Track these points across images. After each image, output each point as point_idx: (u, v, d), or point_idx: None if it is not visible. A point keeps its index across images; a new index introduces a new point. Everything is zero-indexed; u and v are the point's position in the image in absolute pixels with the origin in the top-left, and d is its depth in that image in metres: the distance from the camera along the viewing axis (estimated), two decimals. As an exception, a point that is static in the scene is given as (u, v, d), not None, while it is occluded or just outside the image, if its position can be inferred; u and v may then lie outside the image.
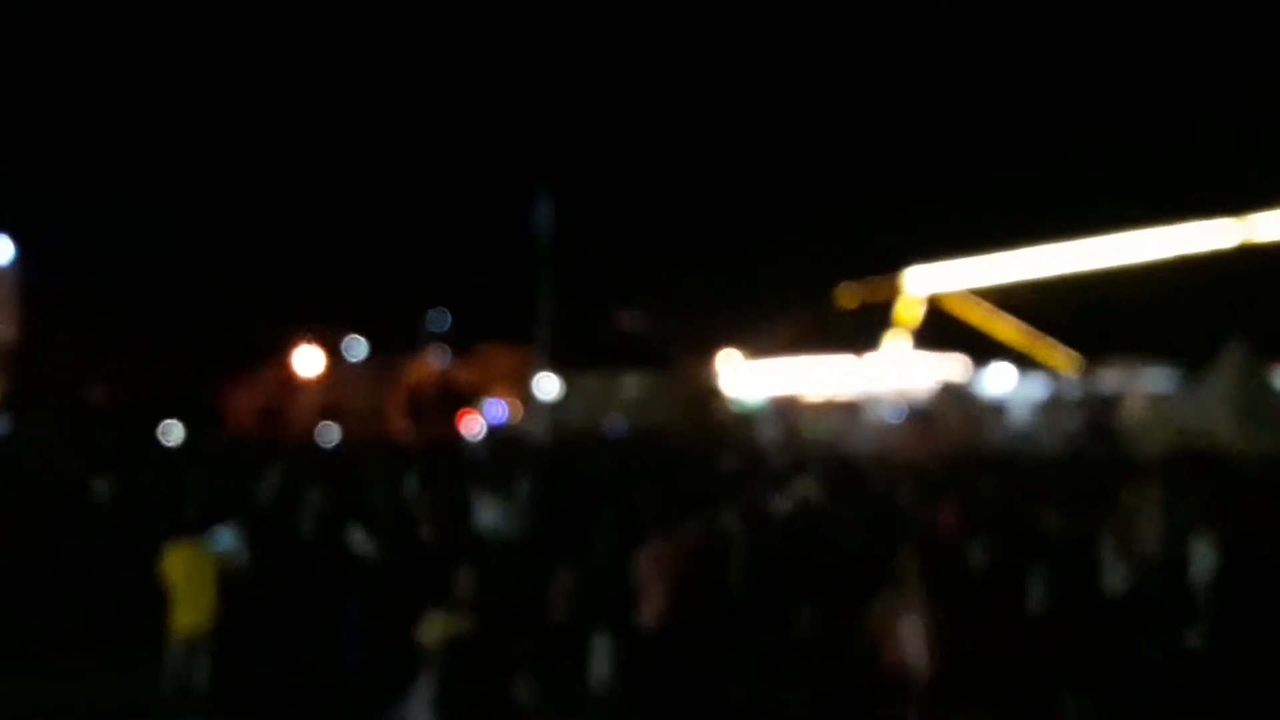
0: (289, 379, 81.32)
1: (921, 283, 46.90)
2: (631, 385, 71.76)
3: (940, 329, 41.75)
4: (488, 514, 11.70)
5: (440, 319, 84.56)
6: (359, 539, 10.25)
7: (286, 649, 9.16)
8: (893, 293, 47.20)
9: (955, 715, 7.47)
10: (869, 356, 41.38)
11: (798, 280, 62.30)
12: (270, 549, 10.19)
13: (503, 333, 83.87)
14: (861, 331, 43.44)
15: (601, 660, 8.60)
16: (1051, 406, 41.83)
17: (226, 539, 9.96)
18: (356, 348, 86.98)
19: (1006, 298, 45.99)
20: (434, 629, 5.97)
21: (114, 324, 71.01)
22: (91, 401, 65.17)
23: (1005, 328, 43.16)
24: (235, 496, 12.56)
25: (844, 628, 8.31)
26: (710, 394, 54.31)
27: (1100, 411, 41.11)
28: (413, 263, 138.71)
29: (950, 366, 38.10)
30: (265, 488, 13.56)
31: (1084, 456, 26.93)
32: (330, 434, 52.98)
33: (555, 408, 47.87)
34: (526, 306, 39.65)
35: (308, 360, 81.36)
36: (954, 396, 36.29)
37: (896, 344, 40.95)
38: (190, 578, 8.42)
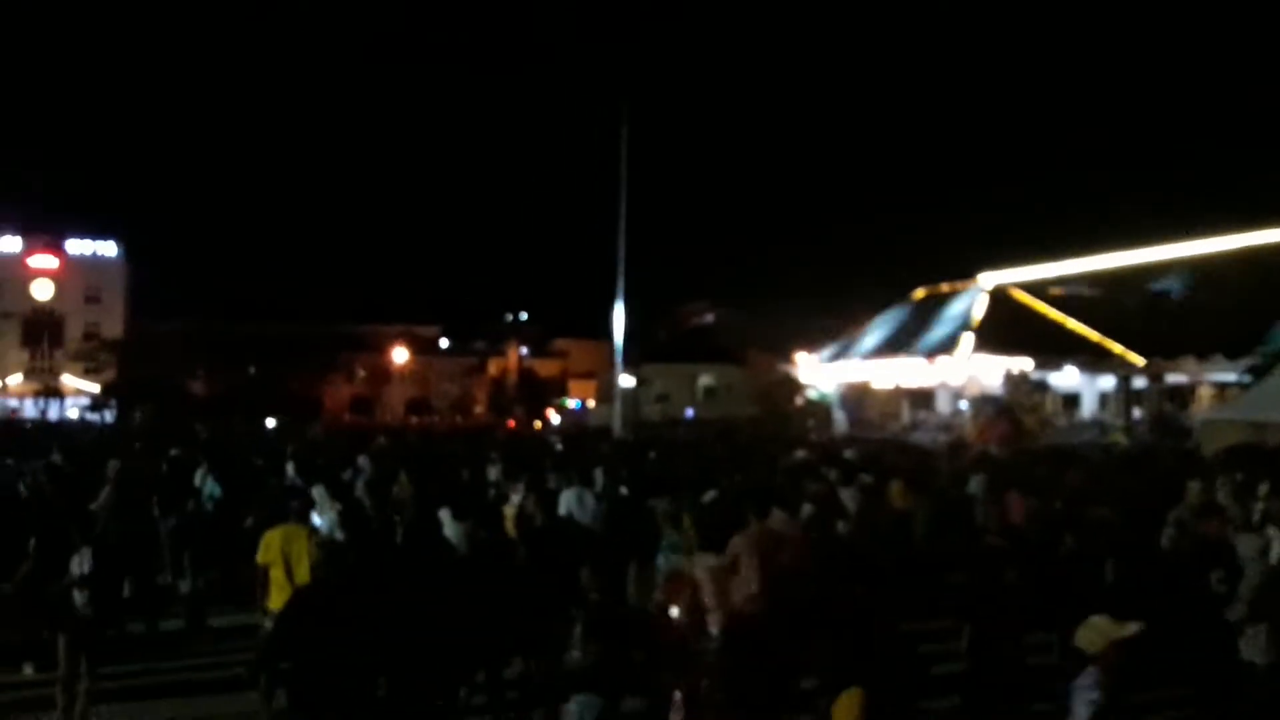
0: (379, 372, 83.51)
1: (992, 282, 46.57)
2: (706, 378, 72.18)
3: (1010, 328, 41.31)
4: (563, 504, 12.02)
5: (520, 317, 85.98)
6: (445, 523, 10.67)
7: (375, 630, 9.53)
8: (964, 293, 46.85)
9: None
10: (940, 355, 41.10)
11: (871, 279, 62.09)
12: (363, 532, 10.71)
13: (580, 329, 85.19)
14: (933, 330, 43.15)
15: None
16: (1120, 400, 41.24)
17: (323, 523, 10.54)
18: (441, 344, 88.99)
19: (1074, 297, 45.45)
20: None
21: (213, 320, 73.41)
22: (192, 393, 67.31)
23: (1074, 325, 42.60)
24: (330, 483, 13.08)
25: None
26: (783, 385, 54.27)
27: (1169, 405, 40.48)
28: (495, 262, 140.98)
29: (1020, 363, 37.73)
30: (356, 474, 14.13)
31: (1153, 449, 26.63)
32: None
33: (630, 400, 48.25)
34: (603, 303, 40.13)
35: (397, 355, 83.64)
36: (1024, 389, 35.94)
37: (967, 342, 40.58)
38: (285, 559, 8.63)
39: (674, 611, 6.79)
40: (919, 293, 51.66)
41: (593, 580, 7.51)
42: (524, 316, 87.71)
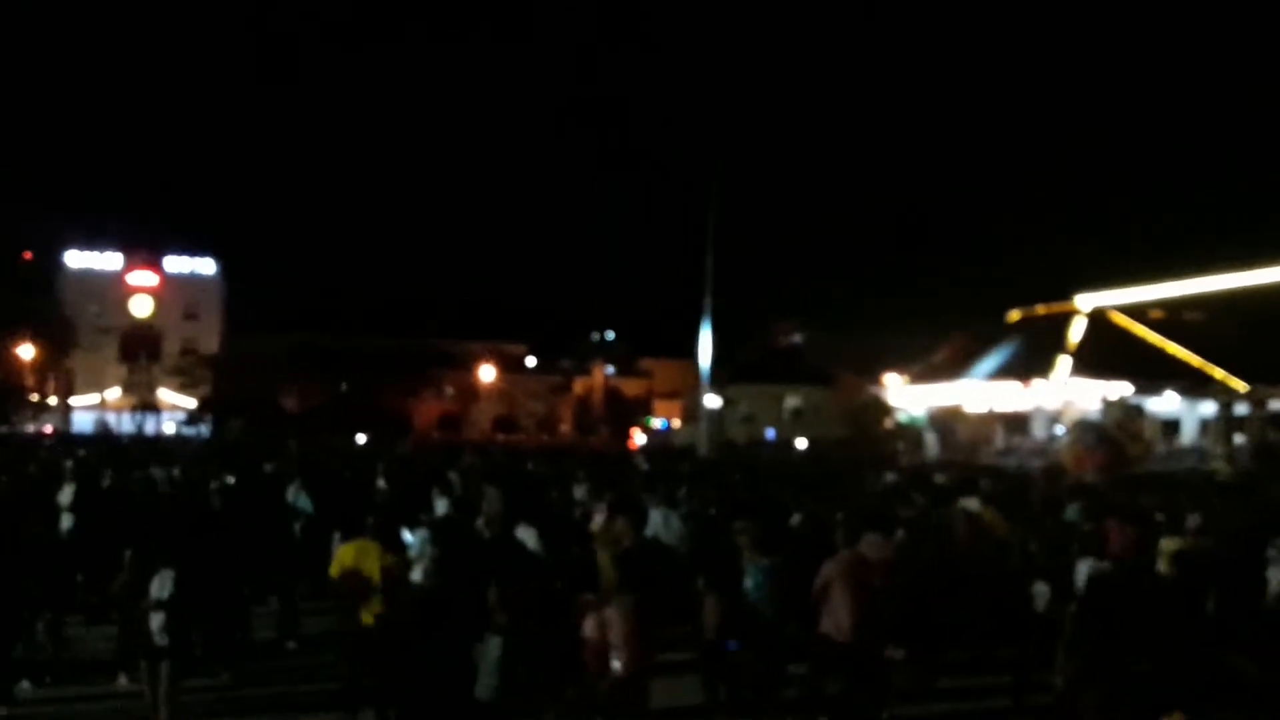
0: (467, 389, 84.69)
1: (1090, 305, 45.43)
2: (793, 398, 71.60)
3: (1109, 351, 40.18)
4: (650, 523, 11.95)
5: (607, 336, 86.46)
6: (531, 540, 10.66)
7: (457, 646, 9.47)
8: (1062, 315, 45.75)
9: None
10: (1035, 379, 40.15)
11: (964, 301, 61.00)
12: (451, 549, 10.74)
13: (666, 348, 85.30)
14: (1029, 354, 42.20)
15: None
16: (1221, 426, 39.84)
17: (413, 540, 10.59)
18: (528, 362, 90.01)
19: (1175, 321, 44.10)
20: None
21: (306, 336, 75.26)
22: (284, 408, 68.89)
23: (1174, 350, 41.29)
24: (419, 499, 13.17)
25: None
26: (873, 407, 53.54)
27: (1272, 432, 38.95)
28: (582, 281, 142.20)
29: (1118, 388, 36.70)
30: (446, 490, 14.21)
31: (1255, 477, 25.64)
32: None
33: (716, 420, 48.05)
34: (690, 323, 40.12)
35: (484, 372, 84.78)
36: (1123, 414, 34.95)
37: (1064, 366, 39.59)
38: (357, 575, 8.56)
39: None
40: (1014, 314, 50.63)
41: (500, 602, 7.36)
42: (610, 335, 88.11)
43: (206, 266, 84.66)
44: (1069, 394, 39.71)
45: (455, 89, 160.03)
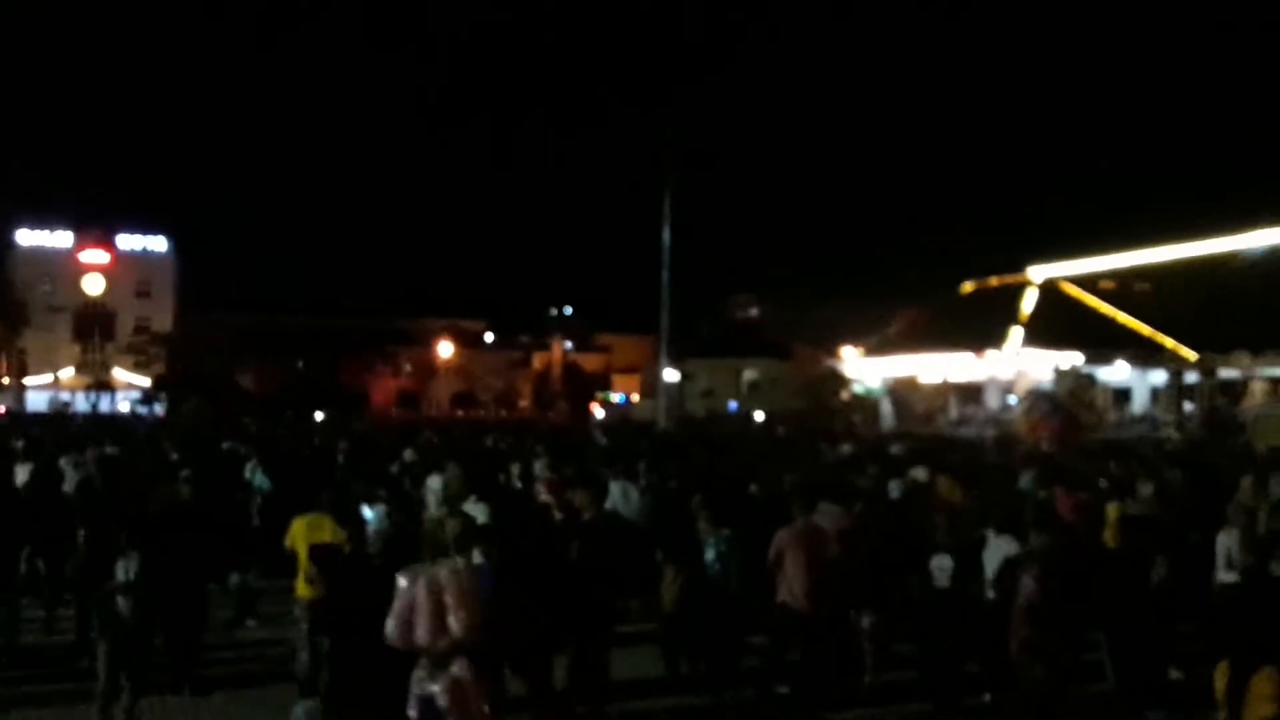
0: (425, 366, 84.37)
1: (1041, 277, 46.04)
2: (751, 372, 71.97)
3: (1060, 322, 40.73)
4: (609, 496, 11.98)
5: (564, 311, 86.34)
6: (482, 516, 10.70)
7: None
8: (1014, 287, 46.30)
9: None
10: (989, 350, 40.61)
11: (917, 274, 61.62)
12: (406, 524, 10.78)
13: (624, 323, 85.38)
14: (981, 325, 42.67)
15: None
16: (1172, 395, 40.64)
17: (371, 514, 10.63)
18: (487, 338, 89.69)
19: (1125, 291, 44.81)
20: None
21: (262, 314, 74.51)
22: (241, 387, 68.25)
23: (1125, 319, 41.95)
24: (378, 474, 13.14)
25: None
26: (829, 380, 53.99)
27: (1221, 400, 39.78)
28: (539, 257, 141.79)
29: (1070, 358, 37.22)
30: (402, 466, 14.23)
31: (1204, 444, 26.20)
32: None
33: (675, 394, 48.19)
34: (647, 297, 40.21)
35: (443, 349, 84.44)
36: (1075, 383, 35.48)
37: (1016, 337, 40.08)
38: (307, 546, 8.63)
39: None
40: (967, 286, 51.17)
41: (316, 575, 7.45)
42: (568, 311, 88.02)
43: (159, 244, 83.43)
44: (1022, 364, 40.25)
45: (409, 66, 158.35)
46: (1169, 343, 40.65)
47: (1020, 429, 33.38)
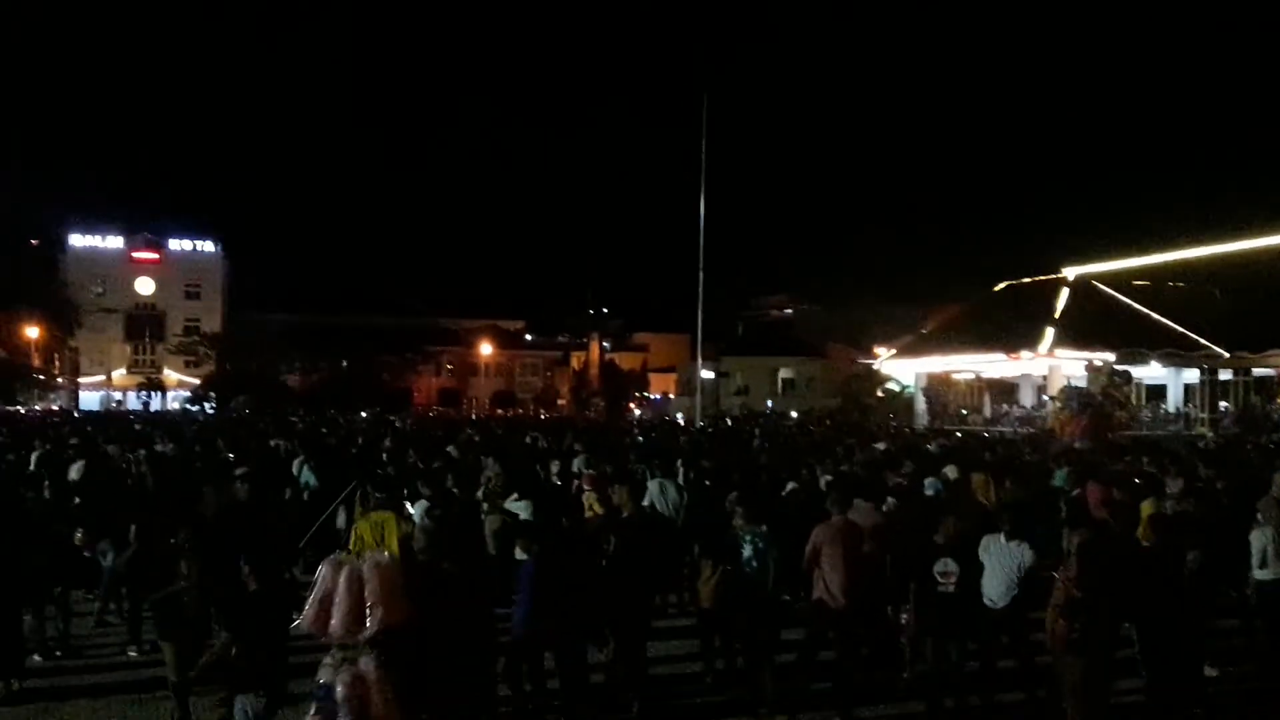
0: (466, 365, 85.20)
1: (1075, 274, 45.72)
2: (786, 370, 71.93)
3: (1094, 320, 40.37)
4: (646, 493, 12.13)
5: (603, 311, 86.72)
6: (525, 512, 10.94)
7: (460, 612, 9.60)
8: (1048, 285, 45.96)
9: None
10: (1022, 349, 40.35)
11: (951, 273, 61.18)
12: (449, 519, 11.02)
13: (660, 322, 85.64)
14: (1015, 324, 42.37)
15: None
16: (1205, 393, 40.19)
17: (414, 511, 10.90)
18: (525, 337, 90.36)
19: (1159, 290, 44.34)
20: None
21: (308, 314, 75.51)
22: (287, 385, 69.51)
23: (1158, 318, 41.51)
24: (421, 470, 13.37)
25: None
26: (863, 378, 53.84)
27: (1255, 398, 39.30)
28: (577, 257, 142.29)
29: (1103, 356, 36.90)
30: (445, 462, 14.48)
31: (1238, 442, 25.98)
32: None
33: (710, 392, 48.36)
34: (683, 297, 40.46)
35: (483, 348, 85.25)
36: (1109, 380, 35.12)
37: (1050, 335, 39.81)
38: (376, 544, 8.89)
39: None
40: (1000, 285, 50.89)
41: (253, 571, 7.41)
42: (606, 310, 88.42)
43: (207, 246, 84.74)
44: (1055, 362, 39.99)
45: (449, 68, 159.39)
46: (1202, 341, 40.17)
47: (1054, 426, 33.22)
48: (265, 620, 7.20)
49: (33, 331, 69.86)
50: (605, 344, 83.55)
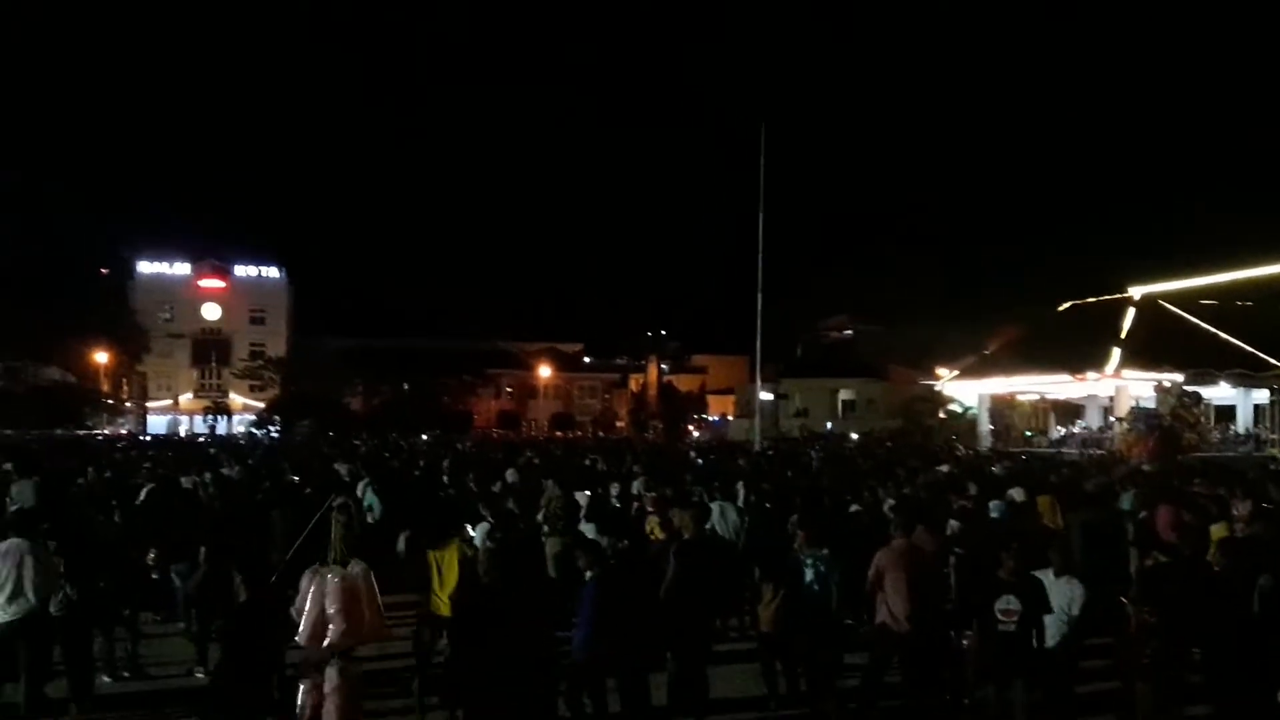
0: (525, 388, 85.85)
1: (1141, 294, 44.86)
2: (846, 391, 71.33)
3: (1160, 340, 39.49)
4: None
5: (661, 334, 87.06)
6: (590, 534, 10.97)
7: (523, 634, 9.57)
8: (1113, 304, 45.11)
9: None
10: (1088, 370, 39.60)
11: (1014, 293, 60.26)
12: (508, 542, 11.08)
13: (719, 344, 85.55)
14: (1080, 344, 41.60)
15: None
16: (1276, 413, 39.09)
17: (475, 534, 11.00)
18: (584, 360, 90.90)
19: (1226, 309, 43.24)
20: None
21: (370, 338, 76.63)
22: (351, 408, 70.56)
23: (1227, 337, 40.43)
24: (480, 493, 13.47)
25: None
26: (925, 400, 53.22)
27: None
28: (635, 279, 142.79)
29: (1171, 376, 36.07)
30: (506, 485, 14.57)
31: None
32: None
33: (769, 414, 48.08)
34: (742, 319, 40.39)
35: (542, 371, 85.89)
36: (1178, 401, 34.32)
37: (1116, 355, 39.02)
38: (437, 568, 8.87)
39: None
40: (1064, 305, 50.09)
41: (244, 582, 7.44)
42: (664, 332, 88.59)
43: (272, 272, 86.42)
44: (1122, 383, 39.21)
45: (510, 99, 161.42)
46: (1272, 361, 39.07)
47: (1121, 448, 32.56)
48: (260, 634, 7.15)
49: (102, 357, 71.81)
50: (663, 366, 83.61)
